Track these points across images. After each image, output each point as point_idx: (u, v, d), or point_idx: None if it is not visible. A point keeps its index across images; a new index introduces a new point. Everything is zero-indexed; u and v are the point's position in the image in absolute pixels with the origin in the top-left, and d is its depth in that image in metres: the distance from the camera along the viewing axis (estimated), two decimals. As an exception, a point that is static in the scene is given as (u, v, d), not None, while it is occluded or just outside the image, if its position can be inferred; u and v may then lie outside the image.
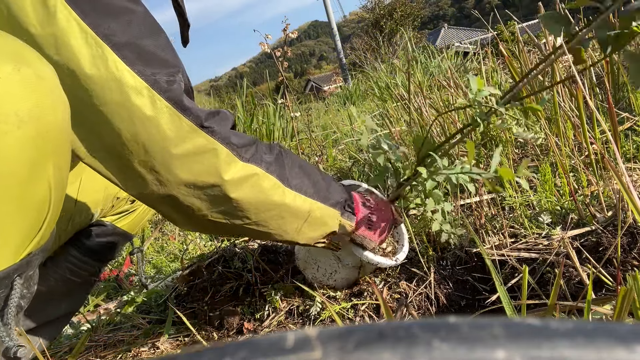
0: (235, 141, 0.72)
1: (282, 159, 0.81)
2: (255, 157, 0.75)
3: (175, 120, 0.64)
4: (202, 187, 0.70)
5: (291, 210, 0.80)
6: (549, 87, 0.81)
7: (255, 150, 0.75)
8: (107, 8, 0.61)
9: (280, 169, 0.79)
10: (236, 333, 1.05)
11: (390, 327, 0.16)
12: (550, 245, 0.93)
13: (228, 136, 0.71)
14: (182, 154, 0.66)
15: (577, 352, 0.15)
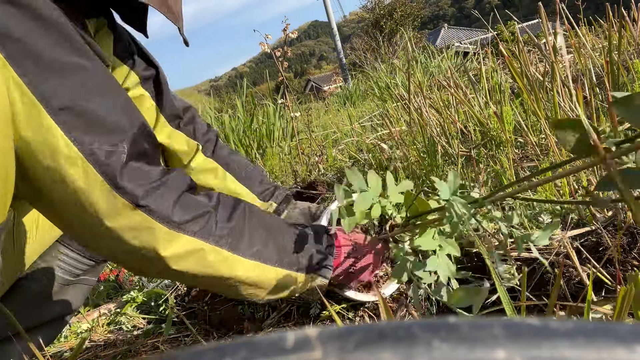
0: (177, 218, 0.67)
1: (243, 226, 0.75)
2: (203, 230, 0.70)
3: (109, 196, 0.61)
4: (141, 258, 0.67)
5: (246, 282, 0.75)
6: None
7: (205, 223, 0.70)
8: (52, 65, 0.58)
9: (236, 239, 0.73)
10: (236, 333, 1.05)
11: (390, 327, 0.16)
12: (550, 245, 0.93)
13: (168, 214, 0.66)
14: (116, 228, 0.63)
15: (577, 352, 0.15)
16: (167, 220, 0.66)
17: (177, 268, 0.68)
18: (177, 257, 0.67)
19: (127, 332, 1.18)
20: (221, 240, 0.71)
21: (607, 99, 1.27)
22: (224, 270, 0.72)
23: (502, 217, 0.69)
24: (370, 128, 2.76)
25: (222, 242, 0.71)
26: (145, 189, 0.64)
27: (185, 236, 0.68)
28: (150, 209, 0.64)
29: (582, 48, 1.93)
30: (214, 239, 0.70)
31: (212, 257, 0.70)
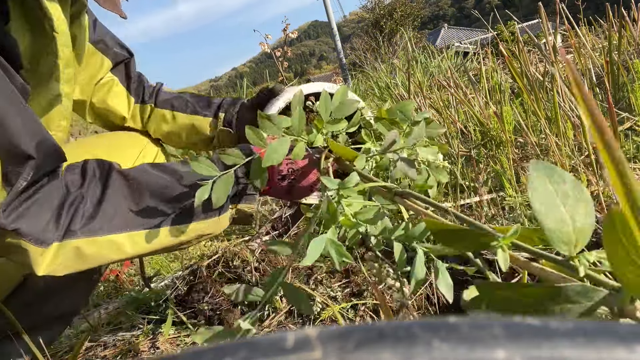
0: (46, 236, 0.66)
1: (117, 201, 0.72)
2: (69, 229, 0.68)
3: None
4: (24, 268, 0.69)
5: (153, 249, 0.74)
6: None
7: (71, 219, 0.68)
8: None
9: (110, 218, 0.70)
10: (236, 333, 1.05)
11: (390, 327, 0.16)
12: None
13: (38, 233, 0.65)
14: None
15: (577, 352, 0.15)
16: (37, 239, 0.65)
17: (52, 271, 0.68)
18: (56, 267, 0.68)
19: (127, 332, 1.18)
20: (91, 228, 0.69)
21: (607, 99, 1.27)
22: (113, 255, 0.71)
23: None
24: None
25: (94, 229, 0.69)
26: (11, 217, 0.64)
27: (55, 243, 0.67)
28: (19, 231, 0.64)
29: (582, 48, 1.93)
30: (82, 231, 0.69)
31: (90, 249, 0.69)
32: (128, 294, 1.34)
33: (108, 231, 0.70)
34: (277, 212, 1.64)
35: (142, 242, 0.72)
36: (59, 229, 0.67)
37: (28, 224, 0.64)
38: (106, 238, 0.70)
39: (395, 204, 0.63)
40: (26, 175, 0.64)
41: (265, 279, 1.15)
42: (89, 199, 0.70)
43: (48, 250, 0.66)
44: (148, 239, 0.72)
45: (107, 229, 0.70)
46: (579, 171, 1.12)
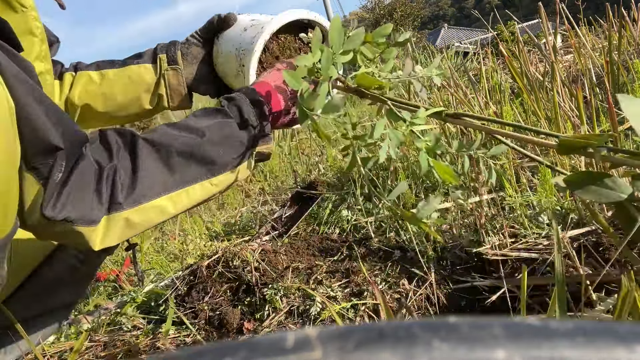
0: (94, 215, 0.69)
1: (151, 164, 0.74)
2: (114, 205, 0.71)
3: (33, 216, 0.65)
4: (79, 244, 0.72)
5: (191, 205, 0.78)
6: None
7: (111, 194, 0.71)
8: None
9: (149, 184, 0.73)
10: (236, 333, 1.05)
11: (390, 327, 0.16)
12: (550, 245, 0.93)
13: (86, 215, 0.68)
14: (50, 235, 0.70)
15: (577, 352, 0.15)
16: (87, 219, 0.68)
17: (108, 244, 0.72)
18: (106, 239, 0.71)
19: (127, 332, 1.18)
20: (134, 198, 0.72)
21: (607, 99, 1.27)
22: (159, 217, 0.75)
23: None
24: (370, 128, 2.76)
25: (138, 197, 0.72)
26: (56, 210, 0.66)
27: (105, 216, 0.70)
28: (69, 218, 0.67)
29: (582, 48, 1.93)
30: (127, 203, 0.71)
31: (138, 217, 0.72)
32: (128, 294, 1.34)
33: (150, 197, 0.73)
34: (277, 212, 1.64)
35: (181, 201, 0.76)
36: (103, 205, 0.69)
37: (75, 209, 0.67)
38: (150, 204, 0.73)
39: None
40: (60, 167, 0.65)
41: (265, 279, 1.15)
42: (123, 171, 0.72)
43: (99, 226, 0.70)
44: (186, 197, 0.76)
45: (149, 196, 0.73)
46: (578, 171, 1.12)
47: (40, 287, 0.97)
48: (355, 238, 1.29)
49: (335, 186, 1.67)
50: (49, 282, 0.99)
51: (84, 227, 0.68)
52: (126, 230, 0.73)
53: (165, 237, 2.34)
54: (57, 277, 1.00)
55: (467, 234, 1.11)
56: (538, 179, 1.16)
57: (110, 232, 0.71)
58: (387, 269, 1.08)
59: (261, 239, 1.43)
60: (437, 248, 1.09)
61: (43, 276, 0.97)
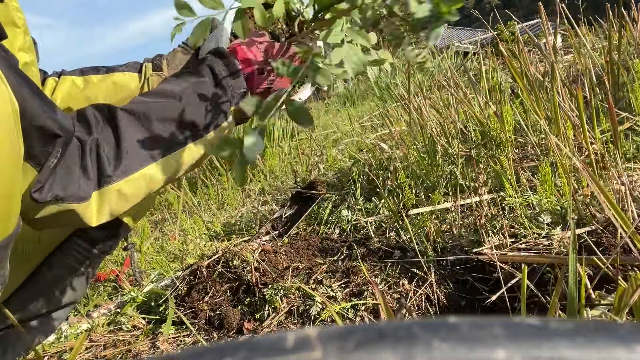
0: (82, 191, 0.69)
1: (133, 135, 0.74)
2: (103, 178, 0.71)
3: (24, 203, 0.65)
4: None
5: (181, 170, 0.78)
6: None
7: (99, 170, 0.71)
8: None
9: (135, 156, 0.74)
10: (236, 333, 1.05)
11: (390, 327, 0.16)
12: (550, 245, 0.93)
13: (75, 192, 0.68)
14: (43, 218, 0.68)
15: (577, 352, 0.15)
16: (78, 196, 0.69)
17: (104, 219, 0.73)
18: (101, 214, 0.72)
19: (127, 332, 1.18)
20: (122, 169, 0.72)
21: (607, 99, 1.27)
22: (151, 186, 0.75)
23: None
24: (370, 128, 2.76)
25: (125, 168, 0.72)
26: (46, 190, 0.66)
27: (95, 192, 0.70)
28: (58, 197, 0.67)
29: (582, 48, 1.93)
30: (116, 175, 0.72)
31: (130, 188, 0.73)
32: (128, 294, 1.34)
33: (138, 167, 0.73)
34: (277, 212, 1.64)
35: (170, 167, 0.76)
36: (92, 179, 0.70)
37: (62, 188, 0.67)
38: (139, 174, 0.73)
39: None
40: (56, 153, 0.66)
41: (265, 279, 1.15)
42: (106, 143, 0.72)
43: (91, 202, 0.70)
44: (174, 163, 0.76)
45: (136, 166, 0.73)
46: (579, 171, 1.12)
47: (39, 287, 0.98)
48: (355, 238, 1.29)
49: (335, 186, 1.67)
50: (48, 282, 0.99)
51: (75, 205, 0.68)
52: (120, 202, 0.73)
53: (165, 237, 2.34)
54: (56, 277, 1.01)
55: (467, 234, 1.11)
56: (538, 179, 1.16)
57: (104, 206, 0.72)
58: (387, 269, 1.08)
59: (261, 239, 1.43)
60: (437, 248, 1.09)
61: (42, 277, 0.98)
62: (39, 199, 0.65)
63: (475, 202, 1.16)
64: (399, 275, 1.06)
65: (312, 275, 1.13)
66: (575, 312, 0.63)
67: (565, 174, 1.07)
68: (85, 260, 1.07)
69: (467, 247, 1.05)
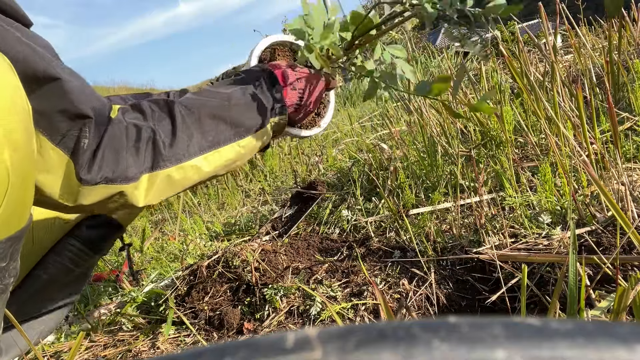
0: (131, 172, 0.72)
1: (188, 127, 0.80)
2: (157, 160, 0.75)
3: (70, 189, 0.68)
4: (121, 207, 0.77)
5: (223, 165, 0.84)
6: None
7: (153, 152, 0.75)
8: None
9: (187, 144, 0.79)
10: (236, 333, 1.05)
11: (390, 327, 0.16)
12: (550, 245, 0.93)
13: (123, 172, 0.71)
14: (93, 203, 0.71)
15: (577, 352, 0.15)
16: (125, 176, 0.72)
17: (152, 200, 0.76)
18: (152, 196, 0.76)
19: (127, 332, 1.18)
20: (175, 156, 0.77)
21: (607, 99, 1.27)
22: (195, 176, 0.81)
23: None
24: (370, 128, 2.76)
25: (178, 156, 0.77)
26: (94, 170, 0.69)
27: (146, 174, 0.74)
28: (108, 178, 0.70)
29: (582, 48, 1.93)
30: (169, 160, 0.76)
31: (179, 175, 0.78)
32: (128, 294, 1.34)
33: (189, 157, 0.79)
34: (277, 212, 1.64)
35: (215, 160, 0.83)
36: (144, 162, 0.74)
37: (111, 169, 0.70)
38: (189, 163, 0.79)
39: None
40: (85, 134, 0.67)
41: (265, 279, 1.15)
42: (162, 131, 0.77)
43: (140, 183, 0.74)
44: (219, 158, 0.83)
45: (187, 155, 0.79)
46: (579, 171, 1.12)
47: (35, 288, 0.99)
48: (355, 238, 1.29)
49: (335, 186, 1.67)
50: (43, 283, 1.00)
51: (124, 185, 0.71)
52: (167, 187, 0.77)
53: (165, 237, 2.34)
54: (52, 278, 1.01)
55: (467, 234, 1.11)
56: (538, 179, 1.16)
57: (153, 188, 0.76)
58: (387, 269, 1.08)
59: (261, 239, 1.43)
60: (437, 248, 1.09)
61: (37, 278, 0.98)
62: (88, 179, 0.68)
63: (475, 202, 1.16)
64: (399, 275, 1.06)
65: (312, 275, 1.13)
66: (575, 312, 0.63)
67: (565, 174, 1.07)
68: (80, 261, 1.07)
69: (467, 247, 1.05)
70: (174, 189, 0.79)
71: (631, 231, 0.71)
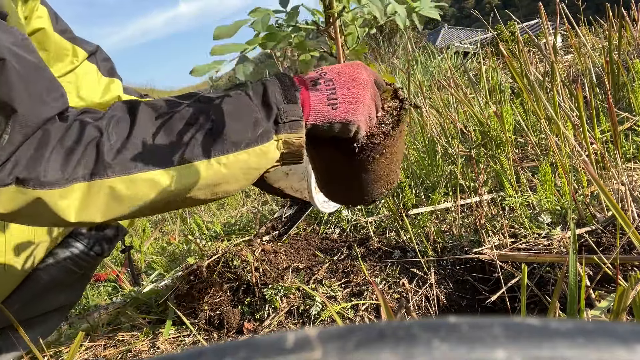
0: (51, 176, 0.59)
1: (147, 131, 0.64)
2: (97, 166, 0.60)
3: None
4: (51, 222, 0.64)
5: (192, 186, 0.64)
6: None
7: (95, 157, 0.61)
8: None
9: (145, 153, 0.62)
10: (236, 333, 1.05)
11: (390, 327, 0.16)
12: (550, 245, 0.93)
13: (41, 174, 0.58)
14: (11, 212, 0.59)
15: (577, 352, 0.15)
16: (46, 183, 0.59)
17: (90, 218, 0.61)
18: (86, 210, 0.61)
19: (127, 332, 1.18)
20: (122, 164, 0.61)
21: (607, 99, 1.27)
22: (152, 194, 0.63)
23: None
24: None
25: (127, 165, 0.61)
26: (8, 168, 0.59)
27: (79, 183, 0.60)
28: (24, 179, 0.58)
29: (582, 48, 1.93)
30: (112, 169, 0.61)
31: (127, 189, 0.62)
32: (128, 294, 1.34)
33: (143, 167, 0.62)
34: (277, 212, 1.64)
35: (182, 178, 0.63)
36: (79, 167, 0.60)
37: (26, 169, 0.58)
38: (142, 175, 0.62)
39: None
40: (7, 129, 0.58)
41: (265, 279, 1.15)
42: (116, 134, 0.62)
43: (69, 192, 0.59)
44: (187, 175, 0.64)
45: (141, 165, 0.62)
46: (579, 171, 1.12)
47: (36, 289, 0.98)
48: (355, 238, 1.29)
49: (335, 186, 1.67)
50: (44, 284, 0.99)
51: (41, 191, 0.58)
52: (112, 203, 0.61)
53: (166, 237, 2.34)
54: (53, 279, 1.01)
55: (467, 234, 1.11)
56: (538, 179, 1.16)
57: (91, 201, 0.60)
58: (387, 269, 1.08)
59: (261, 239, 1.43)
60: (437, 248, 1.09)
61: (38, 279, 0.98)
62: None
63: (475, 202, 1.16)
64: (399, 275, 1.06)
65: (312, 275, 1.13)
66: (575, 312, 0.63)
67: (565, 174, 1.07)
68: (81, 262, 1.07)
69: (467, 247, 1.05)
70: (122, 206, 0.62)
71: (631, 231, 0.71)
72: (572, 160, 1.17)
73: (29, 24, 0.93)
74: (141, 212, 0.65)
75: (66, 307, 1.09)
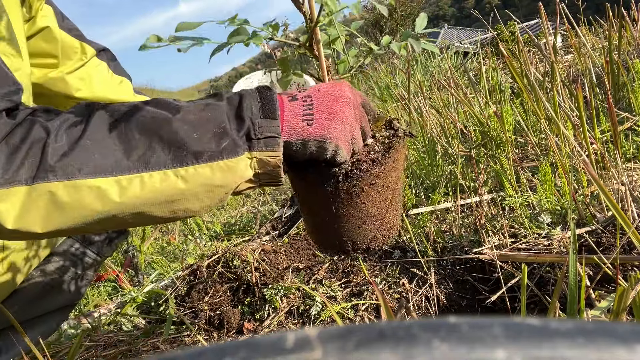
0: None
1: (103, 136, 0.59)
2: (40, 169, 0.55)
3: None
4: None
5: (145, 198, 0.58)
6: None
7: (38, 159, 0.56)
8: None
9: (96, 157, 0.57)
10: (236, 333, 1.05)
11: (390, 327, 0.16)
12: (550, 245, 0.93)
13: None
14: None
15: (577, 352, 0.15)
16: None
17: (29, 226, 0.56)
18: (25, 217, 0.56)
19: (127, 332, 1.18)
20: (65, 168, 0.56)
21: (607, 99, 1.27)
22: (98, 205, 0.57)
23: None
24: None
25: (71, 169, 0.56)
26: None
27: (21, 187, 0.55)
28: None
29: (582, 48, 1.93)
30: (54, 172, 0.56)
31: (68, 196, 0.56)
32: (128, 294, 1.34)
33: (89, 173, 0.56)
34: (277, 212, 1.64)
35: (132, 189, 0.58)
36: (23, 169, 0.55)
37: None
38: (86, 182, 0.56)
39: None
40: None
41: (265, 279, 1.15)
42: (66, 136, 0.57)
43: (9, 196, 0.54)
44: (139, 186, 0.58)
45: (87, 171, 0.56)
46: (579, 171, 1.12)
47: (36, 290, 0.98)
48: (355, 238, 1.29)
49: (335, 186, 1.67)
50: (44, 285, 0.99)
51: None
52: (53, 211, 0.56)
53: (166, 237, 2.34)
54: (53, 281, 1.01)
55: (467, 234, 1.11)
56: (538, 179, 1.16)
57: (31, 208, 0.55)
58: (387, 269, 1.08)
59: (261, 239, 1.43)
60: (437, 248, 1.09)
61: (38, 280, 0.98)
62: None
63: (475, 202, 1.16)
64: (399, 275, 1.06)
65: (312, 275, 1.13)
66: (575, 312, 0.63)
67: (565, 174, 1.07)
68: (82, 264, 1.07)
69: (467, 247, 1.05)
70: (64, 215, 0.57)
71: (631, 231, 0.71)
72: (572, 160, 1.16)
73: (34, 24, 0.93)
74: (88, 226, 0.59)
75: (67, 307, 1.10)
